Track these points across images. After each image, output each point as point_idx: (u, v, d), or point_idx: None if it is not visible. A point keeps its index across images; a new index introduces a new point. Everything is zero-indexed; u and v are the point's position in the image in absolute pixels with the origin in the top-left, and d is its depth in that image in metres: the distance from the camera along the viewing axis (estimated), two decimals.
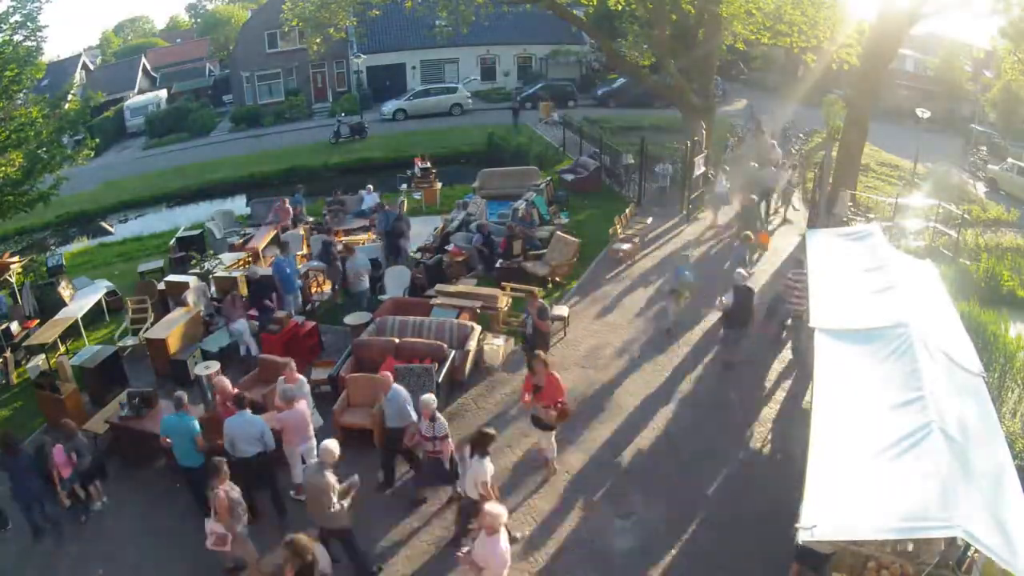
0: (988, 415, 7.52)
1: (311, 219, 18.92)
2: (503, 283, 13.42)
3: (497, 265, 14.66)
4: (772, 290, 13.06)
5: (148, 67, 48.64)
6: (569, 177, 20.98)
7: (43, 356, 12.53)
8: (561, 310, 12.66)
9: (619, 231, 16.19)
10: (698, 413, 10.36)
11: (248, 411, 8.28)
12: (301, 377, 9.33)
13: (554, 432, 8.81)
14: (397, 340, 10.92)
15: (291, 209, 18.32)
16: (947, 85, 33.44)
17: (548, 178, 20.03)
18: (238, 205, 25.47)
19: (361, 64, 33.97)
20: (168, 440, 8.29)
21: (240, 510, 7.17)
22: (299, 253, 16.10)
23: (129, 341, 12.89)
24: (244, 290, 13.98)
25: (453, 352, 10.76)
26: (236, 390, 9.00)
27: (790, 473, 8.36)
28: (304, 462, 8.69)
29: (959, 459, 6.37)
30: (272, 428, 8.37)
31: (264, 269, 13.89)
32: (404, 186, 21.67)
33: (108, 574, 8.03)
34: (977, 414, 7.44)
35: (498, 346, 11.66)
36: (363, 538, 7.68)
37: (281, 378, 9.28)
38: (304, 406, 8.68)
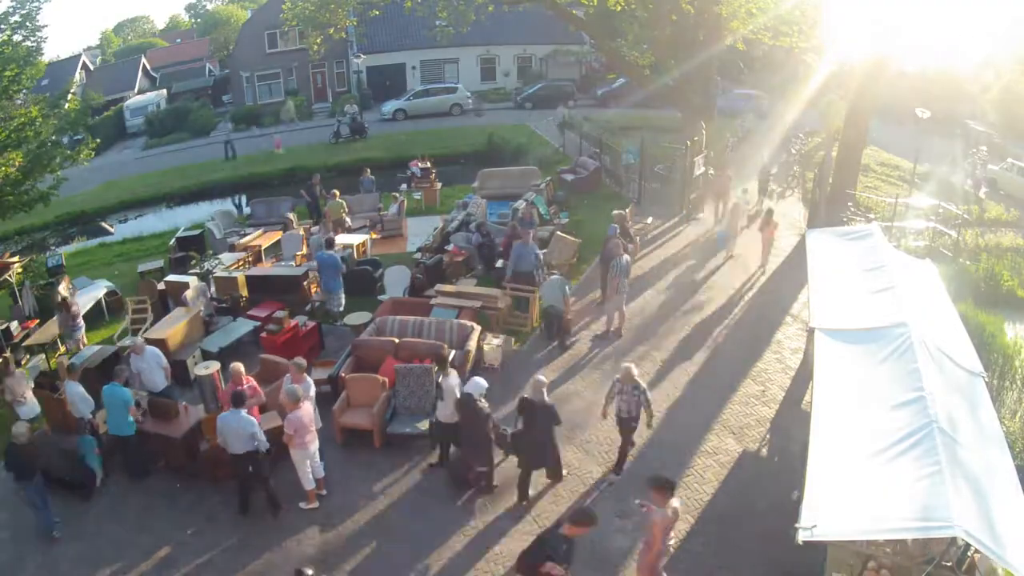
0: (988, 415, 7.53)
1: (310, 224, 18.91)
2: (503, 283, 13.42)
3: (497, 265, 14.65)
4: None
5: (148, 67, 48.58)
6: (569, 177, 20.98)
7: (43, 356, 12.53)
8: None
9: None
10: (698, 413, 10.36)
11: (243, 410, 8.24)
12: (308, 378, 9.19)
13: None
14: (397, 340, 10.92)
15: None
16: (947, 85, 33.37)
17: (548, 178, 20.03)
18: None
19: (361, 64, 33.94)
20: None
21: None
22: (299, 253, 16.12)
23: (129, 341, 12.87)
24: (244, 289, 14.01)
25: (453, 352, 10.75)
26: (248, 381, 9.08)
27: (790, 473, 8.39)
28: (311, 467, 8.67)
29: (959, 459, 6.38)
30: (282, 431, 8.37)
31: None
32: (404, 186, 21.66)
33: (107, 574, 8.02)
34: (977, 414, 7.45)
35: (498, 346, 11.66)
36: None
37: (287, 376, 9.25)
38: (310, 407, 8.59)
